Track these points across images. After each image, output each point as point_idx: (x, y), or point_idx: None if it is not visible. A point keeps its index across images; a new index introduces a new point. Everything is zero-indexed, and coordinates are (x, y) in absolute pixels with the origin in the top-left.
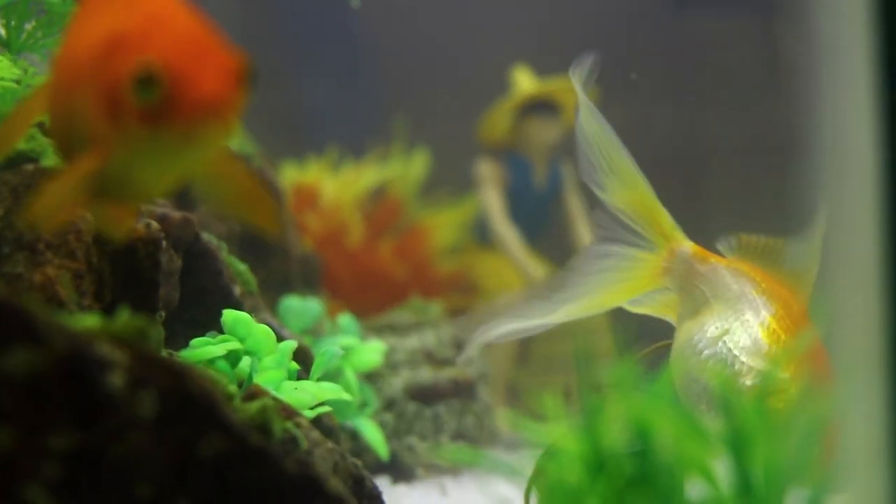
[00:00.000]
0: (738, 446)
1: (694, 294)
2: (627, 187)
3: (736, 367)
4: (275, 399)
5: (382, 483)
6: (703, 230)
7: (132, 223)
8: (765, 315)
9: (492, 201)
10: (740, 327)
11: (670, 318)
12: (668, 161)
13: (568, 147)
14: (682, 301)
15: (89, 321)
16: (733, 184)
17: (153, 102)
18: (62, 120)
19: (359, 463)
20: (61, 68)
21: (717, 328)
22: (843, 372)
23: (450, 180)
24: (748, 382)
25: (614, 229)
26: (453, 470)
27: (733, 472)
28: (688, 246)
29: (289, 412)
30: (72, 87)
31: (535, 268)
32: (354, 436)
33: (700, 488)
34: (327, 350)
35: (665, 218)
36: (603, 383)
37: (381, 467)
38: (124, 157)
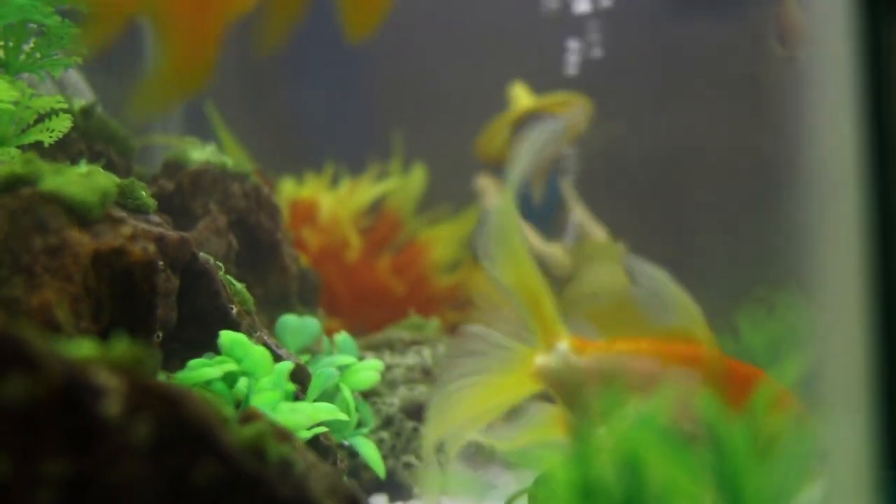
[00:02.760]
0: (727, 476)
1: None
2: (518, 266)
3: None
4: (271, 422)
5: (380, 501)
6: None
7: None
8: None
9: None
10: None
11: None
12: (657, 167)
13: (566, 162)
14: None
15: (85, 348)
16: (720, 190)
17: None
18: None
19: (355, 484)
20: None
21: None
22: (827, 401)
23: (448, 196)
24: None
25: (496, 313)
26: (451, 488)
27: (722, 501)
28: (566, 341)
29: (284, 435)
30: None
31: (555, 250)
32: (352, 454)
33: None
34: (323, 371)
35: (549, 310)
36: (595, 411)
37: (378, 486)
38: None
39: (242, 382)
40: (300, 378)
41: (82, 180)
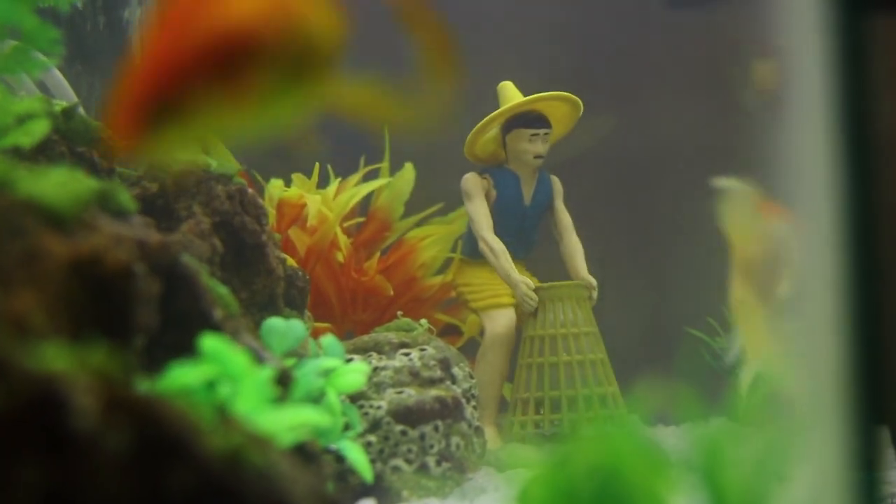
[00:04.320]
0: (708, 477)
1: None
2: None
3: None
4: (251, 428)
5: None
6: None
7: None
8: None
9: (479, 213)
10: None
11: None
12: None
13: (555, 160)
14: None
15: (61, 356)
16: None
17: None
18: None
19: (339, 490)
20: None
21: None
22: (805, 401)
23: (437, 196)
24: None
25: None
26: (439, 491)
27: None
28: None
29: (265, 441)
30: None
31: (522, 279)
32: (339, 458)
33: None
34: (306, 375)
35: None
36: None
37: (366, 490)
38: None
39: (224, 388)
40: (284, 383)
41: (60, 184)
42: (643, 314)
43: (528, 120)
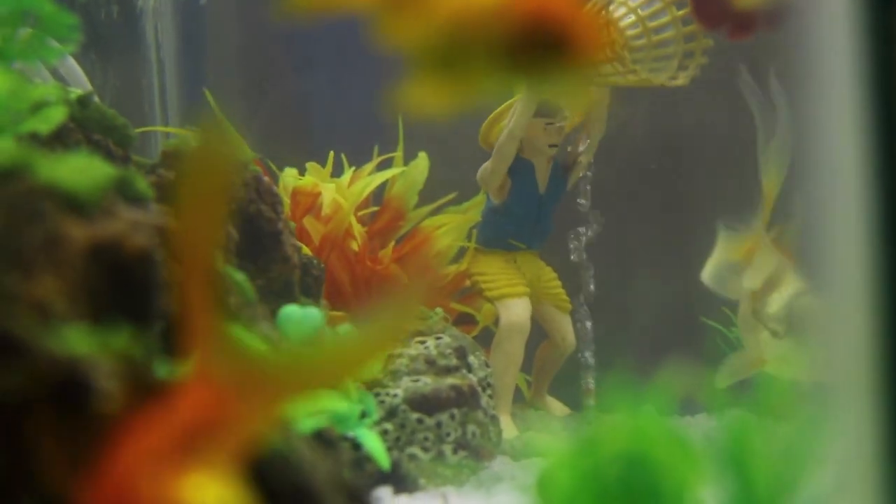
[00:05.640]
0: (735, 466)
1: None
2: None
3: None
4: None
5: (384, 494)
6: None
7: None
8: None
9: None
10: None
11: None
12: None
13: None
14: None
15: (83, 340)
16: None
17: None
18: None
19: (358, 477)
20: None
21: None
22: (833, 392)
23: (452, 185)
24: None
25: None
26: (455, 479)
27: (730, 491)
28: None
29: (283, 427)
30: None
31: None
32: (356, 446)
33: None
34: None
35: None
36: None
37: (382, 478)
38: None
39: None
40: None
41: (79, 170)
42: (671, 299)
43: (542, 108)
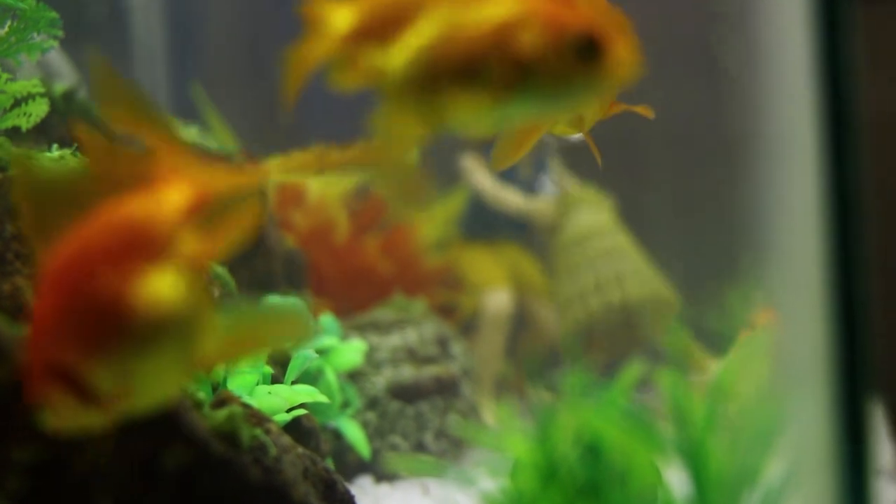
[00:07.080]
0: (691, 453)
1: None
2: None
3: None
4: (245, 405)
5: (365, 482)
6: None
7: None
8: None
9: (485, 180)
10: None
11: None
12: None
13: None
14: None
15: None
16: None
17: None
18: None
19: (331, 467)
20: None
21: None
22: (790, 374)
23: (435, 176)
24: None
25: None
26: (436, 468)
27: (687, 478)
28: None
29: (259, 418)
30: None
31: (544, 205)
32: (337, 436)
33: (652, 496)
34: (301, 353)
35: None
36: (559, 389)
37: (363, 467)
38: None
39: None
40: (281, 361)
41: (57, 162)
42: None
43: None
